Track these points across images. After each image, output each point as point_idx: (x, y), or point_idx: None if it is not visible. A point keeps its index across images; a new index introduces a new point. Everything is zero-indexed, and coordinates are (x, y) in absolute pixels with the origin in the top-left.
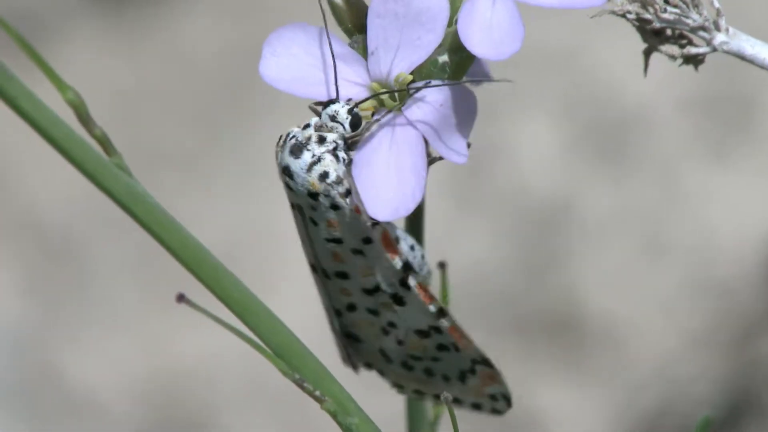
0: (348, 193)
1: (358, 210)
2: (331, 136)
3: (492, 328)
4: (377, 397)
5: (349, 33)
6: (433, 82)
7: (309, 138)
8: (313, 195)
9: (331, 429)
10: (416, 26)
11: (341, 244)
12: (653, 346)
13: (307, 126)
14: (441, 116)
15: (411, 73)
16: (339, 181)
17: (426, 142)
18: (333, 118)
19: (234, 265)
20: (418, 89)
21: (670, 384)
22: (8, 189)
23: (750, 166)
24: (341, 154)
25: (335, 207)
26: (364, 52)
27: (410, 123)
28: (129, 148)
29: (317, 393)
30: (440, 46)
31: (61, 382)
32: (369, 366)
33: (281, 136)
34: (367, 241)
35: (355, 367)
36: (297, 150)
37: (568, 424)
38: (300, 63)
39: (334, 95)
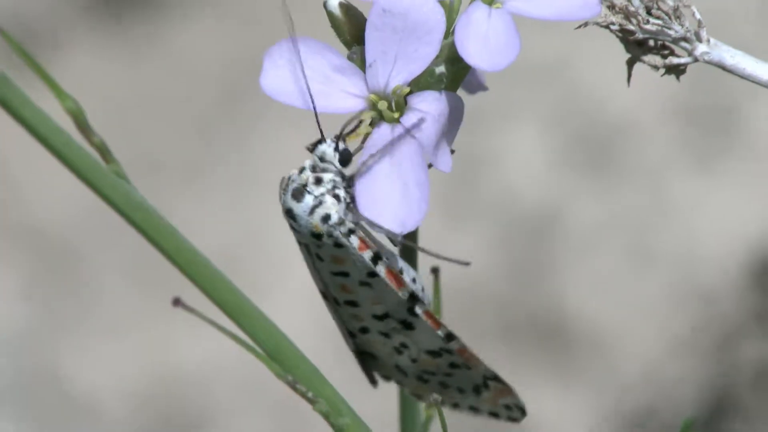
0: (350, 232)
1: (362, 248)
2: (327, 176)
3: (482, 334)
4: (370, 398)
5: (347, 44)
6: (430, 101)
7: (307, 180)
8: (317, 236)
9: (325, 430)
10: (413, 39)
11: (348, 277)
12: (639, 350)
13: (303, 169)
14: (439, 126)
15: (408, 85)
16: (341, 222)
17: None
18: (322, 159)
19: (230, 269)
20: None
21: (655, 387)
22: (11, 195)
23: (733, 175)
24: (341, 192)
25: (339, 246)
26: (362, 63)
27: (409, 134)
28: (128, 156)
29: (310, 394)
30: (437, 57)
31: (60, 384)
32: (387, 378)
33: (283, 179)
34: (373, 274)
35: (374, 382)
36: (298, 194)
37: (557, 426)
38: (297, 74)
39: (333, 107)
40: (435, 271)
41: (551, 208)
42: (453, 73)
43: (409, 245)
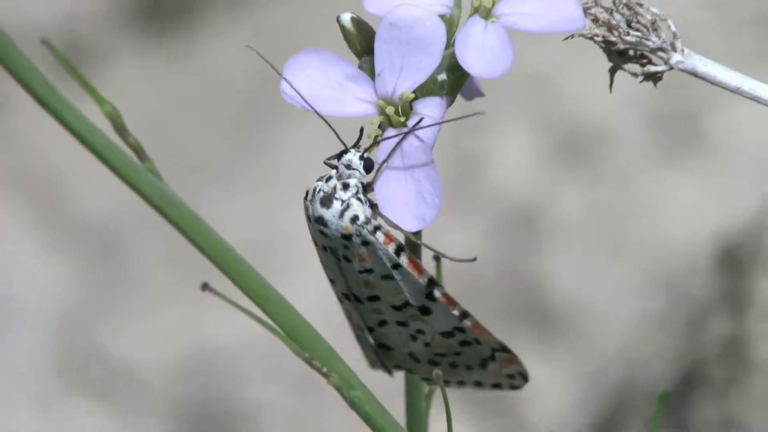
0: (376, 229)
1: (386, 242)
2: (352, 182)
3: (479, 313)
4: (378, 373)
5: (358, 55)
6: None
7: (334, 188)
8: (347, 237)
9: (338, 401)
10: (417, 51)
11: (372, 272)
12: (616, 329)
13: (329, 178)
14: (437, 129)
15: (413, 92)
16: (367, 221)
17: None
18: (348, 166)
19: (253, 258)
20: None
21: (632, 362)
22: (66, 194)
23: (697, 172)
24: (362, 196)
25: (366, 243)
26: (371, 72)
27: (415, 137)
28: (162, 156)
29: (324, 370)
30: (439, 66)
31: (105, 357)
32: (398, 367)
33: (308, 191)
34: (396, 266)
35: (389, 371)
36: (327, 201)
37: (543, 397)
38: (315, 83)
39: (346, 112)
40: (437, 258)
41: (538, 202)
42: (453, 81)
43: (422, 245)
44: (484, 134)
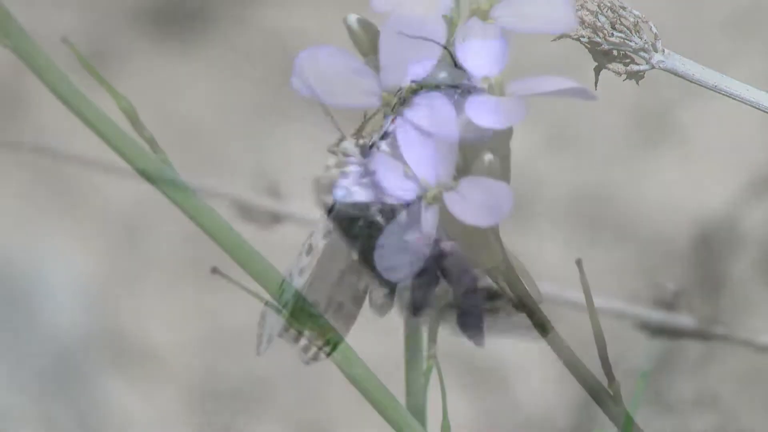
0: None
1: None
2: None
3: None
4: (377, 351)
5: (364, 54)
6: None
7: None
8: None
9: (340, 377)
10: (419, 47)
11: None
12: (600, 306)
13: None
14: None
15: (414, 84)
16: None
17: None
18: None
19: (261, 243)
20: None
21: (615, 339)
22: (92, 181)
23: (676, 162)
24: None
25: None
26: (376, 68)
27: (411, 123)
28: (176, 147)
29: (327, 348)
30: (439, 63)
31: (128, 336)
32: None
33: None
34: None
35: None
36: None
37: (530, 374)
38: (324, 76)
39: (352, 103)
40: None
41: (528, 188)
42: (453, 78)
43: None
44: None
